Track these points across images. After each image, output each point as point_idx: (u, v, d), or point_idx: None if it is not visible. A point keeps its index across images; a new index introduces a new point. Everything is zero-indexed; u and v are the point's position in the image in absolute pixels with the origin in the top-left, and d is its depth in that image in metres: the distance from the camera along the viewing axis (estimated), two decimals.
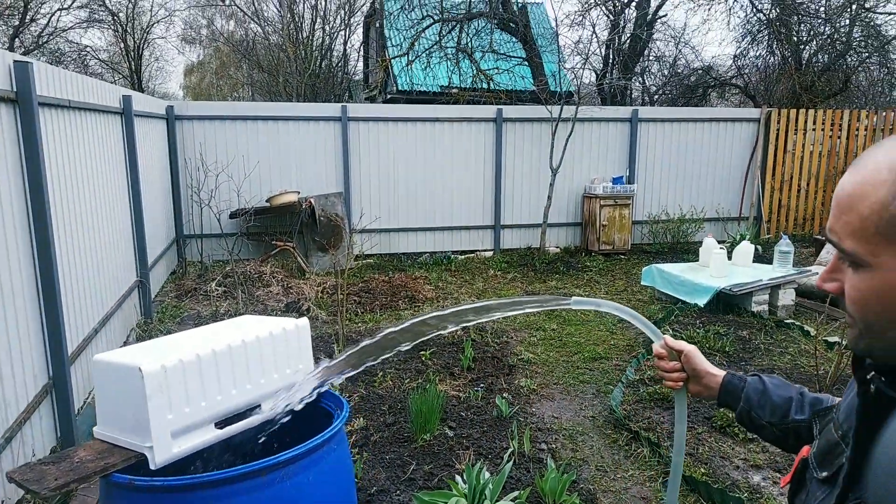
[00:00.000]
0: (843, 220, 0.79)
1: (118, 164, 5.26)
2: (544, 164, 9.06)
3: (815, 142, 10.14)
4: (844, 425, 0.93)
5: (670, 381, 1.39)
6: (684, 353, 1.37)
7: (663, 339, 1.40)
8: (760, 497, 3.13)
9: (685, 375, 1.37)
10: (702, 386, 1.36)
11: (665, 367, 1.39)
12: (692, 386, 1.38)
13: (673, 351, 1.39)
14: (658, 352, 1.40)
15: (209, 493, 1.42)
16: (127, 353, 1.62)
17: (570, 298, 1.43)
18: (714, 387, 1.33)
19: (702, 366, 1.35)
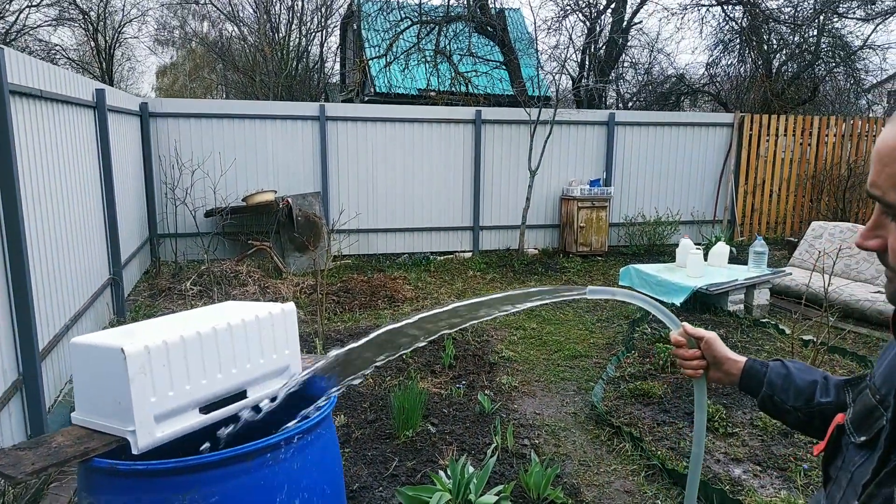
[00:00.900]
0: (887, 172, 0.79)
1: (91, 159, 5.13)
2: (523, 166, 9.10)
3: (786, 147, 10.35)
4: (882, 389, 0.92)
5: (690, 370, 1.37)
6: (704, 339, 1.35)
7: (682, 326, 1.38)
8: (741, 489, 3.15)
9: (705, 363, 1.36)
10: (722, 372, 1.34)
11: (684, 356, 1.37)
12: (712, 373, 1.36)
13: (692, 338, 1.37)
14: (676, 340, 1.38)
15: (194, 478, 1.37)
16: (107, 335, 1.56)
17: (586, 288, 1.41)
18: (735, 373, 1.32)
19: (722, 352, 1.34)
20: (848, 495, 0.91)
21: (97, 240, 5.18)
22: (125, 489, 1.38)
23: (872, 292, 6.00)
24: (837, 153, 10.47)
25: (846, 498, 0.91)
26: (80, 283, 4.59)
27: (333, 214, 8.50)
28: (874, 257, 4.27)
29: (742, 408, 4.07)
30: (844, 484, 0.93)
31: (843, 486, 0.93)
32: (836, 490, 0.95)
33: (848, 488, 0.92)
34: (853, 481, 0.91)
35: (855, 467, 0.92)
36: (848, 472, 0.93)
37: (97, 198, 5.26)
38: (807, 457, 3.44)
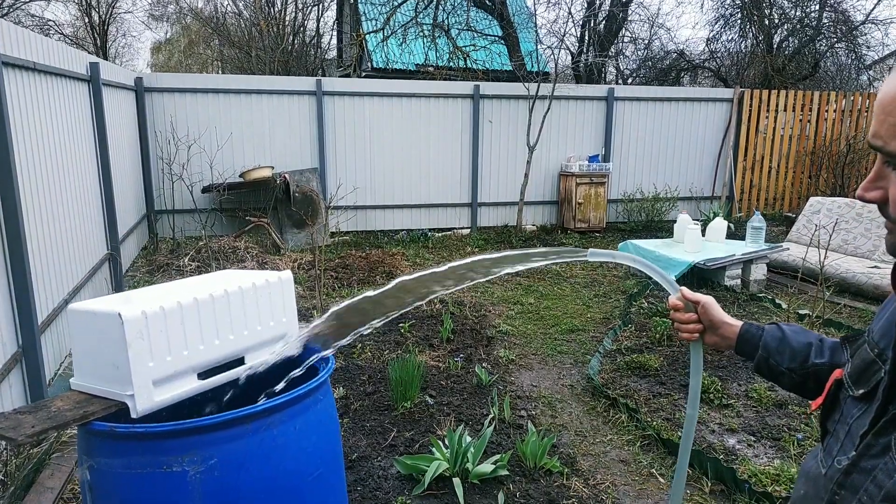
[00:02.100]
0: (889, 122, 0.79)
1: (86, 133, 5.10)
2: (521, 142, 9.06)
3: (786, 123, 10.30)
4: (881, 343, 0.94)
5: (686, 333, 1.39)
6: (701, 304, 1.37)
7: (680, 290, 1.40)
8: (735, 458, 3.19)
9: (701, 327, 1.38)
10: (718, 336, 1.36)
11: (681, 319, 1.39)
12: (708, 337, 1.38)
13: (689, 302, 1.38)
14: (674, 303, 1.40)
15: (192, 440, 1.39)
16: (105, 301, 1.57)
17: (588, 250, 1.42)
18: (731, 336, 1.34)
19: (718, 316, 1.36)
20: (846, 447, 0.93)
21: (94, 215, 5.17)
22: (124, 452, 1.39)
23: (869, 267, 6.02)
24: (837, 129, 10.42)
25: (844, 449, 0.93)
26: (78, 258, 4.59)
27: (331, 191, 8.47)
28: (871, 232, 4.36)
29: (737, 380, 4.11)
30: (842, 436, 0.95)
31: (841, 438, 0.95)
32: (834, 443, 0.97)
33: (846, 440, 0.94)
34: (851, 433, 0.93)
35: (853, 419, 0.94)
36: (845, 425, 0.95)
37: (93, 172, 5.24)
38: (801, 427, 3.48)
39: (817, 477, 0.98)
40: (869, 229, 6.52)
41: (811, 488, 0.99)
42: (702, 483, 2.95)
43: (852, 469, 0.89)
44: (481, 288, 6.44)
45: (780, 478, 2.94)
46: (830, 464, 0.95)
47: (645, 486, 2.99)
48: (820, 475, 0.97)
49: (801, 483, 1.05)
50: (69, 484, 2.97)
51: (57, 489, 2.88)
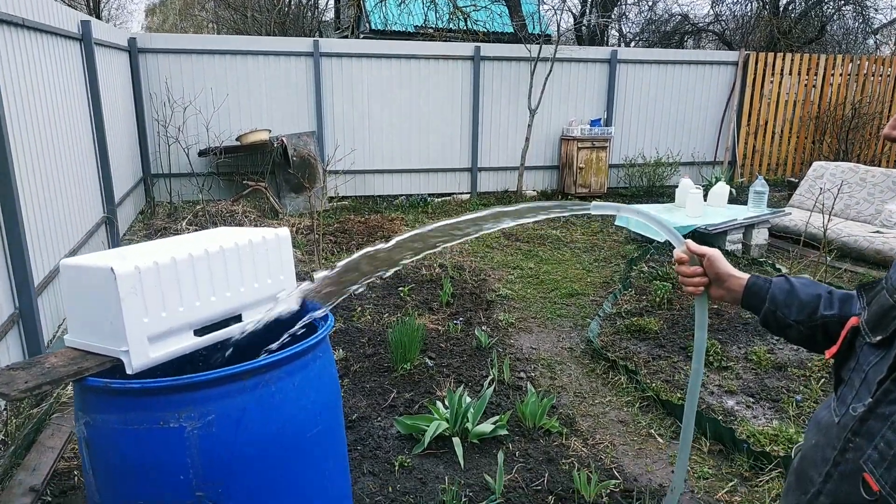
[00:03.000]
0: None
1: (79, 93, 5.00)
2: (522, 105, 8.92)
3: (790, 88, 10.14)
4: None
5: (691, 287, 1.37)
6: (707, 256, 1.34)
7: (685, 243, 1.37)
8: (734, 419, 3.20)
9: (706, 280, 1.35)
10: (724, 289, 1.33)
11: (686, 273, 1.36)
12: (714, 290, 1.36)
13: (694, 255, 1.35)
14: (679, 257, 1.37)
15: (190, 396, 1.37)
16: (97, 256, 1.53)
17: (591, 203, 1.39)
18: (737, 289, 1.30)
19: (724, 269, 1.33)
20: (861, 394, 0.91)
21: (89, 177, 5.10)
22: (120, 408, 1.37)
23: (871, 232, 5.98)
24: (842, 93, 10.27)
25: (859, 396, 0.91)
26: (74, 221, 4.54)
27: (329, 154, 8.37)
28: (874, 197, 4.32)
29: (737, 343, 4.11)
30: (858, 383, 0.93)
31: (857, 385, 0.94)
32: (849, 391, 0.95)
33: (861, 387, 0.92)
34: (867, 380, 0.91)
35: (869, 367, 0.92)
36: (861, 372, 0.93)
37: (87, 134, 5.15)
38: (799, 389, 3.49)
39: (829, 426, 0.97)
40: (872, 194, 6.46)
41: (823, 437, 0.98)
42: (701, 443, 2.96)
43: (868, 415, 0.87)
44: (481, 253, 6.41)
45: (779, 438, 2.96)
46: (845, 412, 0.93)
47: (644, 445, 3.00)
48: (833, 424, 0.96)
49: (813, 433, 1.03)
50: (70, 444, 2.98)
51: (58, 448, 2.89)
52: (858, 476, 0.87)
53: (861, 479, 0.86)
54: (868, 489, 0.84)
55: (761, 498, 2.59)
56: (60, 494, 2.64)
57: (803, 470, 1.00)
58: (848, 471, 0.89)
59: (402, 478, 2.71)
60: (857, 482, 0.87)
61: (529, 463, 2.81)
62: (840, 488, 0.90)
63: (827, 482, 0.92)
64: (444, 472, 2.74)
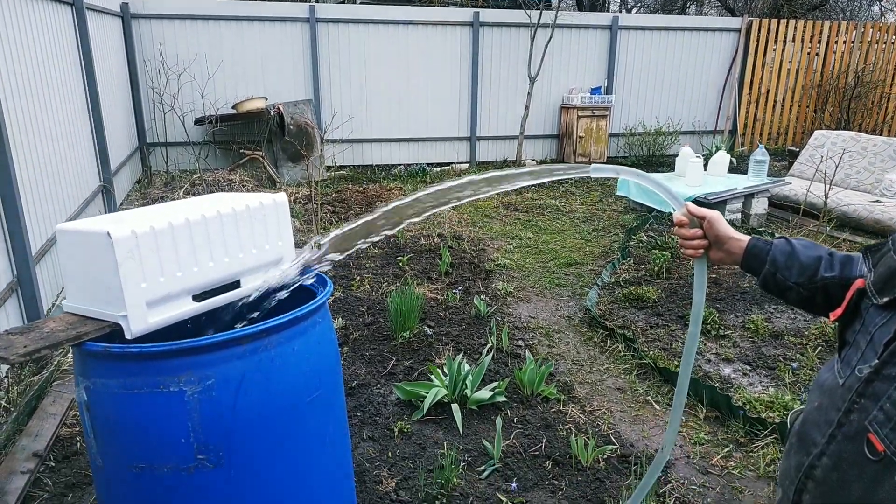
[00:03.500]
0: None
1: (72, 59, 4.91)
2: (522, 73, 8.81)
3: (793, 56, 10.01)
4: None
5: (690, 250, 1.35)
6: (707, 219, 1.32)
7: (685, 205, 1.35)
8: (731, 386, 3.23)
9: (706, 243, 1.33)
10: (724, 252, 1.32)
11: (685, 235, 1.35)
12: (714, 253, 1.34)
13: (694, 218, 1.33)
14: (679, 219, 1.35)
15: (189, 361, 1.37)
16: (94, 221, 1.51)
17: (590, 166, 1.37)
18: (737, 252, 1.29)
19: (724, 231, 1.31)
20: (867, 355, 0.91)
21: (84, 145, 5.05)
22: (120, 372, 1.37)
23: (871, 201, 5.96)
24: (846, 61, 10.14)
25: (865, 358, 0.91)
26: (70, 189, 4.51)
27: (326, 123, 8.28)
28: (874, 166, 4.27)
29: (735, 311, 4.12)
30: (863, 346, 0.93)
31: (862, 347, 0.93)
32: (854, 353, 0.95)
33: (867, 349, 0.91)
34: (873, 342, 0.91)
35: (875, 328, 0.91)
36: (867, 334, 0.93)
37: (81, 101, 5.08)
38: (796, 357, 3.52)
39: (834, 388, 0.96)
40: (873, 163, 6.43)
41: (826, 399, 0.97)
42: (697, 409, 3.00)
43: (874, 377, 0.87)
44: (480, 222, 6.39)
45: (774, 405, 2.99)
46: (850, 373, 0.93)
47: (640, 412, 3.03)
48: (837, 386, 0.95)
49: (816, 395, 1.02)
50: (71, 410, 3.00)
51: (59, 415, 2.92)
52: (863, 437, 0.87)
53: (866, 440, 0.86)
54: (873, 449, 0.85)
55: (756, 463, 2.63)
56: (63, 460, 2.67)
57: (806, 431, 1.00)
58: (852, 432, 0.89)
59: (402, 443, 2.74)
60: (861, 443, 0.87)
61: (527, 429, 2.84)
62: (844, 449, 0.90)
63: (830, 443, 0.92)
64: (443, 438, 2.77)
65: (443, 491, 2.40)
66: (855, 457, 0.87)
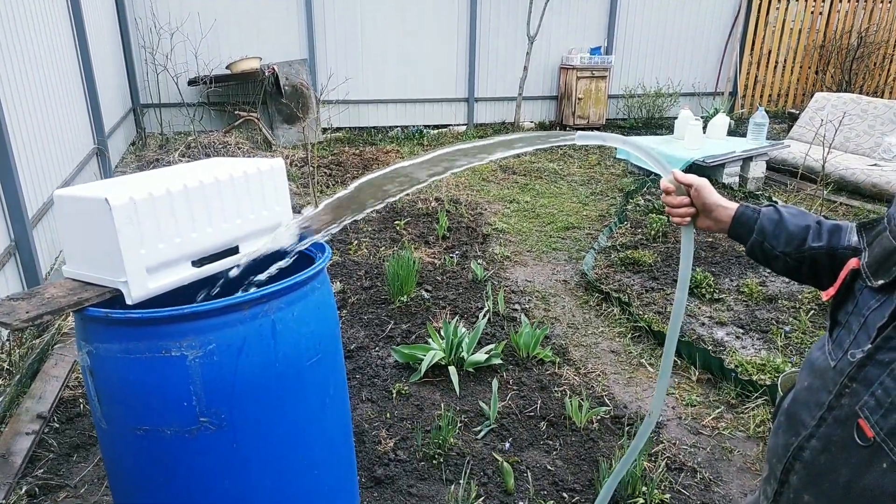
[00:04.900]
0: None
1: (61, 16, 4.80)
2: (521, 32, 8.65)
3: (796, 14, 9.84)
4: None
5: (677, 217, 1.34)
6: (694, 186, 1.30)
7: (672, 172, 1.33)
8: (724, 349, 3.28)
9: (693, 210, 1.32)
10: (711, 220, 1.30)
11: (672, 203, 1.33)
12: (701, 220, 1.33)
13: (681, 185, 1.32)
14: (666, 186, 1.34)
15: (190, 326, 1.38)
16: (91, 187, 1.51)
17: (575, 133, 1.35)
18: (725, 220, 1.28)
19: (712, 199, 1.29)
20: (860, 339, 0.89)
21: (77, 107, 4.98)
22: (121, 337, 1.39)
23: (869, 165, 5.95)
24: (849, 21, 9.98)
25: (858, 342, 0.89)
26: (65, 152, 4.47)
27: (321, 83, 8.16)
28: (874, 129, 4.24)
29: (730, 275, 4.16)
30: (856, 328, 0.91)
31: (855, 330, 0.91)
32: (846, 335, 0.93)
33: (860, 332, 0.90)
34: (866, 325, 0.89)
35: (869, 311, 0.90)
36: (860, 317, 0.91)
37: (72, 61, 4.99)
38: (789, 320, 3.56)
39: (825, 370, 0.94)
40: (872, 126, 6.39)
41: (817, 380, 0.96)
42: (690, 372, 3.05)
43: (867, 361, 0.85)
44: (477, 186, 6.37)
45: (766, 367, 3.04)
46: (841, 356, 0.91)
47: (634, 374, 3.08)
48: (828, 368, 0.93)
49: (806, 375, 1.01)
50: (73, 373, 3.04)
51: (62, 377, 2.96)
52: (853, 422, 0.86)
53: (856, 425, 0.85)
54: (862, 435, 0.84)
55: (745, 424, 2.69)
56: (67, 421, 2.72)
57: (795, 412, 0.99)
58: (842, 416, 0.88)
59: (400, 404, 2.79)
60: (851, 428, 0.86)
61: (523, 390, 2.89)
62: (833, 432, 0.89)
63: (820, 426, 0.91)
64: (441, 399, 2.82)
65: (440, 450, 2.46)
66: (844, 441, 0.87)
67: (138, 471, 1.54)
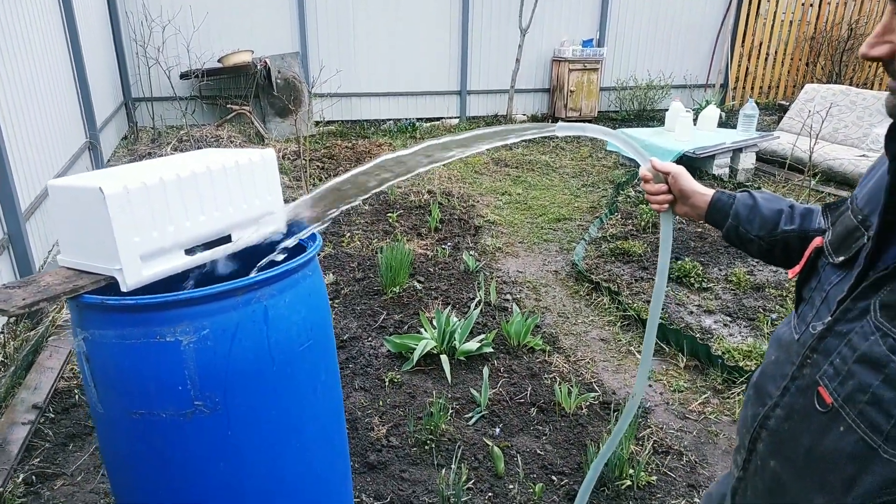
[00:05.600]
0: None
1: (52, 8, 4.80)
2: (514, 24, 8.67)
3: (787, 6, 9.89)
4: (866, 209, 0.92)
5: (656, 204, 1.37)
6: (671, 174, 1.34)
7: (650, 160, 1.36)
8: (711, 337, 3.34)
9: (671, 197, 1.35)
10: (689, 206, 1.34)
11: (651, 190, 1.36)
12: (679, 207, 1.36)
13: (659, 173, 1.36)
14: (644, 174, 1.37)
15: (184, 312, 1.41)
16: (85, 177, 1.54)
17: (556, 125, 1.38)
18: (702, 206, 1.31)
19: (689, 186, 1.33)
20: (821, 312, 0.93)
21: (69, 100, 4.98)
22: (117, 323, 1.42)
23: (857, 155, 6.01)
24: (840, 13, 10.04)
25: (819, 315, 0.93)
26: (57, 145, 4.47)
27: (314, 76, 8.17)
28: (863, 120, 4.29)
29: (718, 265, 4.21)
30: (818, 303, 0.95)
31: (817, 304, 0.95)
32: (809, 310, 0.97)
33: (821, 306, 0.94)
34: (828, 299, 0.93)
35: (830, 286, 0.93)
36: (822, 292, 0.95)
37: (64, 54, 4.99)
38: (775, 308, 3.62)
39: (790, 343, 0.99)
40: (861, 117, 6.45)
41: (783, 353, 1.00)
42: (677, 359, 3.10)
43: (827, 333, 0.89)
44: (469, 178, 6.41)
45: (752, 354, 3.09)
46: (804, 329, 0.95)
47: (623, 362, 3.13)
48: (793, 341, 0.98)
49: (773, 349, 1.05)
50: (68, 364, 3.07)
51: (57, 369, 2.98)
52: (814, 390, 0.89)
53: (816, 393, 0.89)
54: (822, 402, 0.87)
55: (731, 408, 2.74)
56: (63, 412, 2.74)
57: (762, 384, 1.02)
58: (804, 385, 0.91)
59: (392, 392, 2.83)
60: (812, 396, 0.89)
61: (513, 378, 2.94)
62: (796, 401, 0.93)
63: (784, 395, 0.95)
64: (433, 387, 2.86)
65: (432, 436, 2.50)
66: (805, 409, 0.90)
67: (135, 454, 1.58)
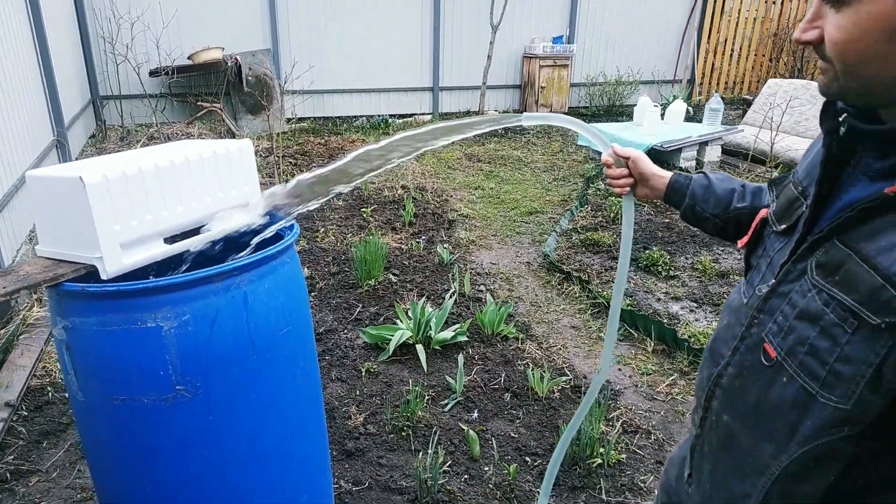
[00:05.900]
0: None
1: (17, 4, 4.72)
2: (485, 21, 8.74)
3: (751, 4, 10.14)
4: (805, 181, 1.01)
5: (618, 188, 1.45)
6: (631, 158, 1.41)
7: (611, 147, 1.44)
8: (678, 322, 3.45)
9: (632, 181, 1.43)
10: (649, 188, 1.42)
11: (613, 175, 1.44)
12: (640, 190, 1.44)
13: (620, 158, 1.43)
14: (606, 160, 1.44)
15: (165, 298, 1.45)
16: (64, 167, 1.56)
17: (522, 115, 1.44)
18: (660, 187, 1.39)
19: (648, 169, 1.40)
20: (766, 276, 1.02)
21: (35, 97, 4.91)
22: (97, 310, 1.45)
23: None
24: (802, 9, 10.32)
25: (764, 279, 1.02)
26: (24, 143, 4.41)
27: (286, 73, 8.13)
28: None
29: (685, 254, 4.34)
30: (764, 268, 1.04)
31: (763, 270, 1.04)
32: (756, 275, 1.06)
33: (766, 271, 1.02)
34: (772, 264, 1.01)
35: (774, 252, 1.02)
36: (767, 258, 1.04)
37: (30, 51, 4.91)
38: None
39: (739, 307, 1.07)
40: None
41: (733, 317, 1.08)
42: (646, 344, 3.20)
43: (771, 294, 0.97)
44: (443, 174, 6.46)
45: None
46: (752, 293, 1.04)
47: (593, 347, 3.23)
48: (742, 305, 1.06)
49: (725, 314, 1.14)
50: (40, 362, 3.05)
51: (28, 367, 2.97)
52: (760, 347, 0.97)
53: (762, 349, 0.97)
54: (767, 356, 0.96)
55: None
56: (36, 409, 2.74)
57: (716, 347, 1.11)
58: (752, 343, 1.00)
59: (369, 382, 2.88)
60: (759, 352, 0.98)
61: (488, 365, 3.01)
62: (745, 359, 1.01)
63: (735, 354, 1.03)
64: (409, 376, 2.92)
65: (408, 423, 2.56)
66: (753, 365, 0.99)
67: (116, 441, 1.60)
